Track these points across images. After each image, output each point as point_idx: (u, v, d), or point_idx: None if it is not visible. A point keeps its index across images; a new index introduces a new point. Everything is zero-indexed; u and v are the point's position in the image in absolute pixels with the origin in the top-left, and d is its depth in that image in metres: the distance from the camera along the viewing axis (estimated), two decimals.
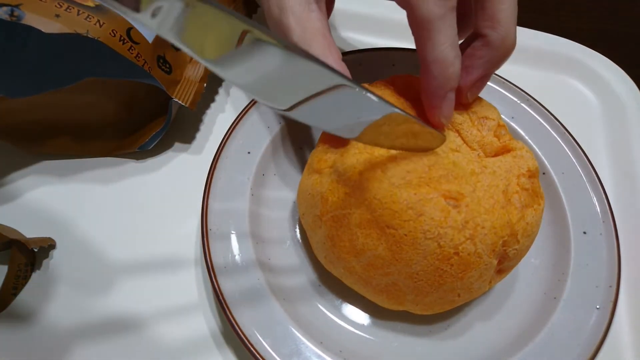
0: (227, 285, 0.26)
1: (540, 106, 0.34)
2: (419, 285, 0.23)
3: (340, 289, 0.27)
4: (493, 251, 0.23)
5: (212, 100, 0.36)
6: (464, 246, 0.22)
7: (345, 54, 0.33)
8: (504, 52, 0.24)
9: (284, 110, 0.17)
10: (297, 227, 0.30)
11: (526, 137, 0.33)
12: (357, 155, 0.24)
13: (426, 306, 0.25)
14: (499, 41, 0.24)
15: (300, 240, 0.30)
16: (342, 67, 0.25)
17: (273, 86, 0.17)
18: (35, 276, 0.28)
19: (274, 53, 0.15)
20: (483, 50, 0.24)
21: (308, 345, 0.25)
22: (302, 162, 0.33)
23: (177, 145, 0.34)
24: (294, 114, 0.18)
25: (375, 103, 0.19)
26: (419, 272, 0.23)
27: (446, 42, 0.23)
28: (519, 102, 0.34)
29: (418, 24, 0.23)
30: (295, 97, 0.17)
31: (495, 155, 0.26)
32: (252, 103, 0.32)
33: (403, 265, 0.23)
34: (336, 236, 0.24)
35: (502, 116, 0.33)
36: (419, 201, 0.22)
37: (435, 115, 0.25)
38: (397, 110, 0.20)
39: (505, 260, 0.24)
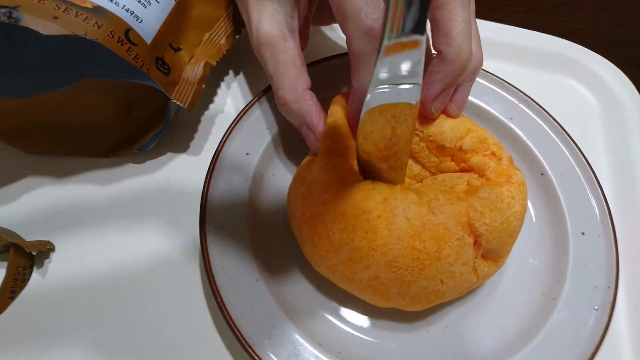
0: (226, 287, 0.26)
1: (538, 107, 0.34)
2: (399, 275, 0.23)
3: (339, 291, 0.27)
4: (459, 222, 0.23)
5: (211, 101, 0.36)
6: (428, 218, 0.23)
7: (341, 55, 0.34)
8: (459, 65, 0.26)
9: None
10: None
11: (524, 138, 0.33)
12: (331, 154, 0.25)
13: (413, 299, 0.25)
14: (453, 55, 0.25)
15: (297, 242, 0.30)
16: (307, 96, 0.27)
17: None
18: (33, 279, 0.28)
19: None
20: (440, 66, 0.26)
21: (307, 347, 0.25)
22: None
23: (175, 146, 0.34)
24: None
25: None
26: (397, 258, 0.23)
27: (369, 76, 0.24)
28: (517, 102, 0.34)
29: (350, 56, 0.25)
30: None
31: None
32: (251, 104, 0.32)
33: (380, 254, 0.23)
34: (315, 235, 0.25)
35: (501, 117, 0.34)
36: (384, 186, 0.24)
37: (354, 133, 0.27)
38: None
39: (481, 239, 0.24)
